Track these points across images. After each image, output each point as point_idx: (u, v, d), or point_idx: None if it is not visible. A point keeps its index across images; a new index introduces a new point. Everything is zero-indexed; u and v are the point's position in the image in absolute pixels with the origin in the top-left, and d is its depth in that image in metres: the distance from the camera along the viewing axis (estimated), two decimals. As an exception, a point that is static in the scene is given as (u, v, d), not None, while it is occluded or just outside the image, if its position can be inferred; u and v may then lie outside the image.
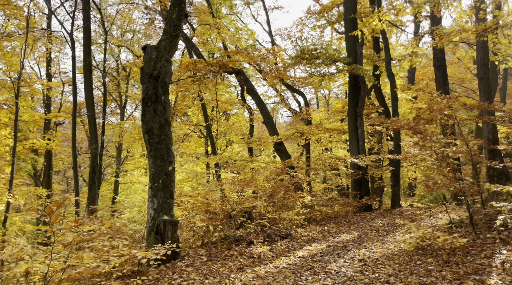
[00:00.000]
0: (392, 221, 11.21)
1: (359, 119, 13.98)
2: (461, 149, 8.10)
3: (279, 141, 15.15)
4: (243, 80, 16.79)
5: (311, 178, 13.12)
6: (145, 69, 8.27)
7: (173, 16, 8.51)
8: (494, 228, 7.19)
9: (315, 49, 13.70)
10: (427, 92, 7.71)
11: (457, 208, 12.45)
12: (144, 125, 7.93)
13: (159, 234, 7.02)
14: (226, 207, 8.56)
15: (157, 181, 7.51)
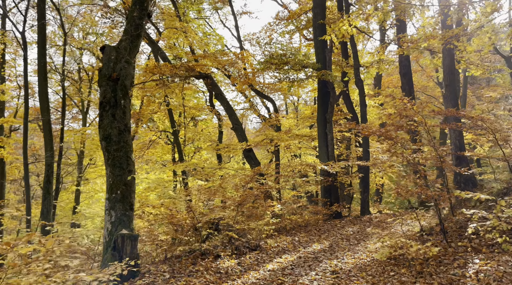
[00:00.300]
0: (363, 229, 11.05)
1: (328, 125, 13.84)
2: (427, 155, 8.02)
3: (249, 148, 14.76)
4: (211, 85, 16.32)
5: (281, 185, 12.81)
6: (103, 71, 7.66)
7: (134, 15, 7.97)
8: (465, 236, 7.10)
9: (284, 54, 13.48)
10: (398, 98, 7.59)
11: (425, 214, 12.51)
12: (101, 131, 7.31)
13: (117, 250, 6.41)
14: (191, 218, 8.05)
15: (115, 192, 6.90)
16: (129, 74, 7.74)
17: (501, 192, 7.75)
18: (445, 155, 8.34)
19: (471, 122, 8.39)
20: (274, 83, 20.75)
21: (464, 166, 9.40)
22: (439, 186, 8.61)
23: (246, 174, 9.32)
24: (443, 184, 7.58)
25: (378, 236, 9.85)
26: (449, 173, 11.01)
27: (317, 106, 14.38)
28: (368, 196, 13.72)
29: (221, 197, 8.49)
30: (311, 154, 23.58)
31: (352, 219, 12.71)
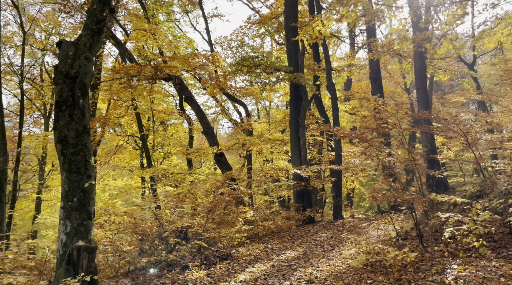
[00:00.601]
0: (336, 234, 10.79)
1: (301, 129, 13.58)
2: (401, 158, 7.84)
3: (220, 152, 14.27)
4: (181, 88, 15.75)
5: (253, 190, 12.39)
6: (59, 68, 7.01)
7: (94, 7, 7.37)
8: (441, 241, 6.92)
9: (256, 56, 13.15)
10: (372, 100, 7.38)
11: (397, 218, 12.44)
12: (57, 133, 6.64)
13: (72, 265, 5.76)
14: (157, 227, 7.47)
15: (71, 200, 6.25)
16: (88, 71, 7.11)
17: (475, 195, 7.67)
18: (417, 158, 8.19)
19: (443, 125, 8.30)
20: (246, 87, 20.40)
21: (436, 169, 9.34)
22: (414, 189, 8.47)
23: (217, 179, 8.84)
24: (420, 188, 7.40)
25: (352, 242, 9.59)
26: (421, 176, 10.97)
27: (290, 109, 14.11)
28: (341, 201, 13.53)
29: (190, 203, 7.96)
30: (283, 159, 23.34)
31: (325, 224, 12.45)
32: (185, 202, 7.44)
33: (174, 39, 23.77)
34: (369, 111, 7.92)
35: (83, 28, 7.62)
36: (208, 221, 8.50)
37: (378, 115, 7.77)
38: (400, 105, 6.86)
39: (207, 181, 9.73)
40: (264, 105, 31.05)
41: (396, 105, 7.09)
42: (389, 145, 9.43)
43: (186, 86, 15.93)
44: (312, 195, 13.91)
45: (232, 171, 12.29)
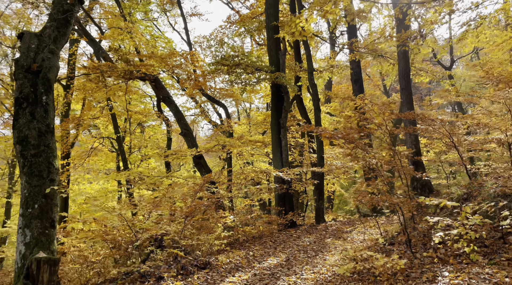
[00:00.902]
0: (319, 239, 10.41)
1: (282, 131, 13.19)
2: (386, 160, 7.52)
3: (199, 154, 13.71)
4: (158, 88, 15.10)
5: (233, 194, 11.88)
6: (20, 62, 6.35)
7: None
8: (430, 246, 6.61)
9: (236, 55, 12.69)
10: (358, 99, 7.03)
11: (381, 221, 12.18)
12: (16, 133, 5.98)
13: (31, 279, 5.12)
14: (130, 235, 6.88)
15: (31, 206, 5.60)
16: (53, 66, 6.47)
17: (462, 197, 7.42)
18: (402, 159, 7.90)
19: (429, 126, 8.04)
20: (226, 88, 19.90)
21: (421, 171, 9.09)
22: (400, 192, 8.18)
23: (196, 182, 8.30)
24: (405, 191, 7.08)
25: (336, 247, 9.22)
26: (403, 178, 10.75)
27: (271, 110, 13.70)
28: (323, 204, 13.19)
29: (166, 208, 7.40)
30: (264, 161, 22.92)
31: (308, 228, 12.06)
32: (160, 208, 6.87)
33: (152, 39, 23.06)
34: (353, 112, 7.56)
35: (48, 19, 6.98)
36: (186, 227, 7.95)
37: (363, 116, 7.43)
38: (388, 104, 6.54)
39: (185, 185, 9.17)
40: (245, 107, 30.63)
41: (383, 105, 6.75)
42: (370, 147, 9.13)
43: (163, 86, 15.30)
44: (293, 198, 13.53)
45: (211, 174, 11.76)
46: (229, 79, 13.30)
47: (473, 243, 5.97)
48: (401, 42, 8.80)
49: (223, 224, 8.38)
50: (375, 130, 7.57)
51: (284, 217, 11.82)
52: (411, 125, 9.21)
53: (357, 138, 6.65)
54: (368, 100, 7.02)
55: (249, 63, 12.51)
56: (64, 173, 20.03)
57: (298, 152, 16.30)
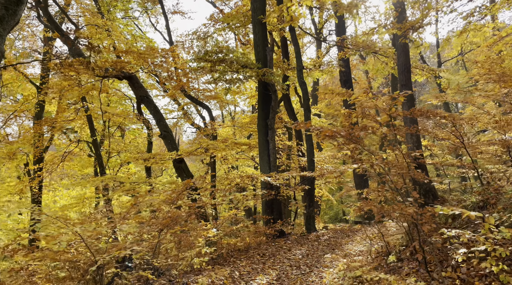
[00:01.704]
0: (312, 251, 9.28)
1: (270, 132, 12.07)
2: (390, 164, 6.47)
3: (180, 158, 12.44)
4: (136, 87, 13.78)
5: (217, 201, 10.65)
6: (-49, 42, 5.03)
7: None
8: (448, 264, 5.55)
9: (220, 50, 11.52)
10: (362, 93, 5.98)
11: (374, 230, 11.16)
12: None
13: None
14: (89, 255, 5.59)
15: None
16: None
17: (477, 205, 6.43)
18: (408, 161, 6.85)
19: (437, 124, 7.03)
20: (209, 89, 18.70)
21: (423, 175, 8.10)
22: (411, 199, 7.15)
23: (172, 189, 7.06)
24: (414, 198, 6.03)
25: (333, 260, 8.11)
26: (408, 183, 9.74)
27: (258, 111, 12.57)
28: (314, 211, 12.09)
29: (136, 220, 6.15)
30: (249, 166, 21.76)
31: (298, 237, 10.93)
32: (126, 221, 5.63)
33: (133, 38, 21.71)
34: (350, 110, 6.48)
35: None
36: (161, 242, 6.69)
37: (366, 112, 6.38)
38: (398, 97, 5.48)
39: (161, 192, 7.92)
40: (229, 110, 29.45)
41: (391, 99, 5.70)
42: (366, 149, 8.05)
43: (141, 84, 13.98)
44: (282, 205, 12.39)
45: (191, 179, 10.51)
46: (212, 77, 12.12)
47: (501, 261, 4.95)
48: (402, 32, 7.84)
49: (205, 239, 7.15)
50: (376, 130, 6.51)
51: (272, 226, 10.66)
52: (412, 124, 8.22)
53: (363, 136, 5.57)
54: (373, 94, 5.96)
55: (235, 59, 11.37)
56: (36, 179, 18.43)
57: (286, 155, 15.19)
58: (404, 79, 8.88)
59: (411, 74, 11.92)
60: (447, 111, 20.47)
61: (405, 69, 8.84)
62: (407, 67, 8.93)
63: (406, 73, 8.91)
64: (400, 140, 8.97)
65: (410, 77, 9.01)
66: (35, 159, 19.05)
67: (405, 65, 8.91)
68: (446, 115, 6.30)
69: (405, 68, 8.86)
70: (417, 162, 8.40)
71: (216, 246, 8.23)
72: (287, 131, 17.13)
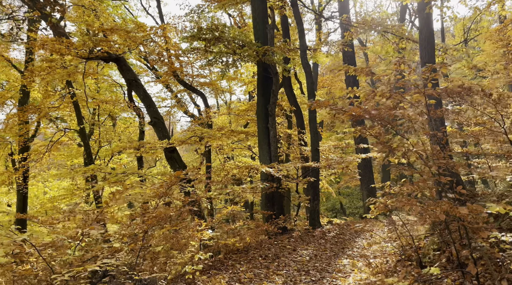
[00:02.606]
0: (320, 250, 8.07)
1: (270, 119, 10.78)
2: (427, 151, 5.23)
3: (171, 147, 11.13)
4: (124, 69, 12.38)
5: (212, 194, 9.37)
6: None
7: None
8: (501, 276, 4.35)
9: (215, 27, 10.14)
10: (394, 64, 4.72)
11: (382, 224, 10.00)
12: None
13: None
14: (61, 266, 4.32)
15: None
16: None
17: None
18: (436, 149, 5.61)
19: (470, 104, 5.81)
20: (203, 75, 17.30)
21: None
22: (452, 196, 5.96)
23: (161, 182, 5.77)
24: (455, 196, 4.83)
25: (346, 265, 6.91)
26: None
27: (257, 95, 11.27)
28: (319, 205, 10.88)
29: (112, 221, 4.87)
30: (246, 156, 20.48)
31: (302, 234, 9.72)
32: (96, 227, 4.34)
33: (123, 22, 20.14)
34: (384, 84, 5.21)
35: None
36: (145, 247, 5.42)
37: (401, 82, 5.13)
38: (439, 69, 4.22)
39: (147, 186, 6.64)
40: (225, 99, 28.05)
41: (430, 70, 4.44)
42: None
43: (130, 67, 12.58)
44: (284, 199, 11.17)
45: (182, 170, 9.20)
46: (206, 59, 10.76)
47: None
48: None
49: (199, 241, 5.89)
50: (407, 110, 5.26)
51: (274, 221, 9.44)
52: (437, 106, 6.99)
53: (399, 116, 4.33)
54: (405, 65, 4.70)
55: (232, 37, 10.01)
56: (20, 169, 17.01)
57: (287, 144, 13.92)
58: (427, 56, 7.57)
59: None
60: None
61: (428, 44, 7.54)
62: (431, 42, 7.63)
63: (430, 50, 7.60)
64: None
65: (434, 53, 7.73)
66: (19, 148, 17.60)
67: (428, 40, 7.60)
68: (492, 93, 5.08)
69: (428, 43, 7.55)
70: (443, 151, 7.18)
71: (212, 248, 6.98)
72: (287, 120, 15.85)
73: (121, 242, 5.57)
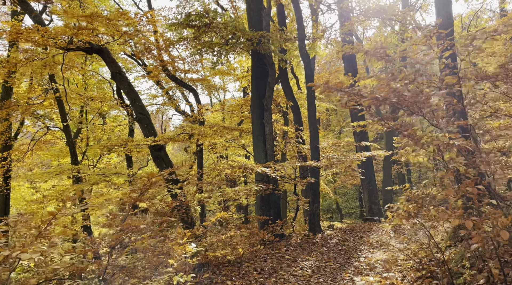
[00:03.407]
0: (323, 262, 6.96)
1: (266, 114, 9.65)
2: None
3: (158, 145, 9.97)
4: (108, 61, 11.20)
5: (203, 196, 8.22)
6: None
7: None
8: None
9: (206, 11, 8.99)
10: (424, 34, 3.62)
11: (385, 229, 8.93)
12: None
13: None
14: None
15: None
16: None
17: None
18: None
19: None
20: (195, 70, 16.12)
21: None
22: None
23: (130, 190, 4.61)
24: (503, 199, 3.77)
25: (356, 282, 5.80)
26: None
27: (252, 89, 10.14)
28: (319, 208, 9.76)
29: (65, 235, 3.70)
30: (240, 155, 19.33)
31: (301, 241, 8.60)
32: (30, 250, 3.18)
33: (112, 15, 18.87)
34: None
35: None
36: (114, 264, 4.26)
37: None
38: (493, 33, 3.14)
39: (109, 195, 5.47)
40: (219, 98, 26.87)
41: (472, 39, 3.35)
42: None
43: (114, 59, 11.40)
44: (281, 201, 10.04)
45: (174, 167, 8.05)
46: (195, 47, 9.60)
47: None
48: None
49: (180, 255, 4.73)
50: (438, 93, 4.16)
51: (270, 227, 8.31)
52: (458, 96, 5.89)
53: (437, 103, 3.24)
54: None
55: (225, 23, 8.86)
56: (0, 169, 15.71)
57: (284, 142, 12.78)
58: (446, 23, 6.42)
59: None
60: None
61: (446, 19, 6.35)
62: (449, 17, 6.46)
63: (450, 33, 6.51)
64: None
65: (453, 35, 6.64)
66: (0, 147, 16.30)
67: (447, 15, 6.40)
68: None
69: (447, 19, 6.37)
70: (461, 146, 6.11)
71: (200, 261, 5.83)
72: (283, 117, 14.73)
73: (85, 260, 4.42)
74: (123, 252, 4.15)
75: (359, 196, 26.98)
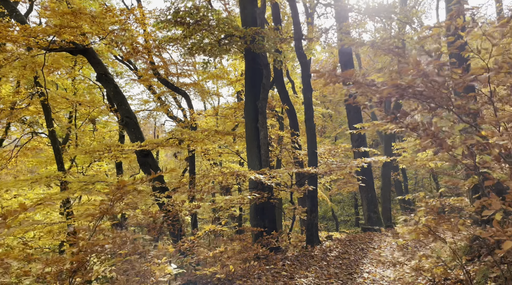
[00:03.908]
0: (323, 279, 6.20)
1: (261, 118, 8.96)
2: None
3: (144, 151, 9.20)
4: (93, 62, 10.48)
5: (191, 206, 7.44)
6: None
7: None
8: None
9: (196, 8, 8.33)
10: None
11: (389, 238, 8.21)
12: None
13: None
14: None
15: None
16: None
17: None
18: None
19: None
20: (186, 73, 15.45)
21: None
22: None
23: (100, 201, 3.88)
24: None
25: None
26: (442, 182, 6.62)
27: (245, 91, 9.46)
28: (317, 217, 9.01)
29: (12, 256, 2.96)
30: (234, 162, 18.58)
31: (299, 254, 7.84)
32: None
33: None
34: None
35: None
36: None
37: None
38: None
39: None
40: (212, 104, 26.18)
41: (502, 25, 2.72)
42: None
43: (100, 60, 10.68)
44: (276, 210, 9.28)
45: (158, 178, 7.30)
46: (184, 46, 8.92)
47: None
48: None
49: (156, 279, 3.96)
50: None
51: (265, 238, 7.56)
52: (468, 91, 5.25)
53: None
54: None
55: (217, 20, 8.20)
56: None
57: (279, 148, 12.06)
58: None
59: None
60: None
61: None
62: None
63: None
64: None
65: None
66: (-18, 154, 15.42)
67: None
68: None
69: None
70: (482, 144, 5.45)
71: (185, 279, 5.06)
72: (278, 122, 14.04)
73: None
74: (86, 278, 3.39)
75: (355, 203, 26.29)
